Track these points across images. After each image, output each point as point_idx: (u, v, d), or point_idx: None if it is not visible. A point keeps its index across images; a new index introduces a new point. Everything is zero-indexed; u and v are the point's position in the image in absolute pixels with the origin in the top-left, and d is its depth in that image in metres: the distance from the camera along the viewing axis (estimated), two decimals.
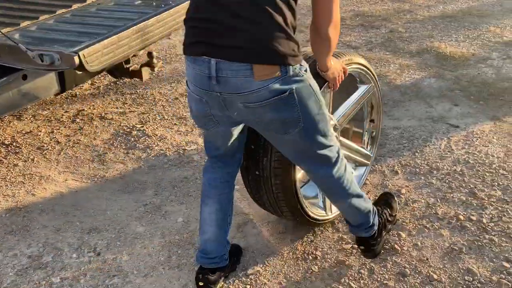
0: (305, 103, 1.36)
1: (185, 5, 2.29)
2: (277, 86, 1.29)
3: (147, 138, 2.81)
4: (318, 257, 1.88)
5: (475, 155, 2.48)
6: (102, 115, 3.09)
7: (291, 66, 1.30)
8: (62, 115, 3.10)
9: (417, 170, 2.39)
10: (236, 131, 1.53)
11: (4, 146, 2.76)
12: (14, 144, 2.78)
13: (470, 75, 3.37)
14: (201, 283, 1.69)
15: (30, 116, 3.07)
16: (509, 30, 4.13)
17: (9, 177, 2.48)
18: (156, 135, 2.84)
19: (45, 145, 2.77)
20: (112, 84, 3.49)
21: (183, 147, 2.71)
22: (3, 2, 2.36)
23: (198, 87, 1.36)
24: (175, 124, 2.96)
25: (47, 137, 2.86)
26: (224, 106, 1.36)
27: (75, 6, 2.34)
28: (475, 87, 3.20)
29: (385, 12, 4.76)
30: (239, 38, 1.26)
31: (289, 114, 1.35)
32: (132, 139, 2.81)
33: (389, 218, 1.92)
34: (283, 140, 1.44)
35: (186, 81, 1.44)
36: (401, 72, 3.46)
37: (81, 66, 1.71)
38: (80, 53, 1.68)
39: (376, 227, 1.79)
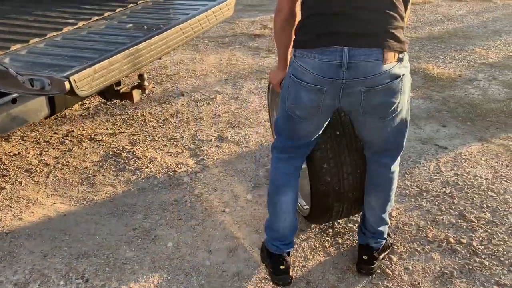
0: (405, 90, 1.53)
1: (176, 29, 2.31)
2: (396, 70, 1.46)
3: (137, 160, 2.79)
4: (311, 283, 1.86)
5: (464, 177, 2.50)
6: (92, 136, 3.07)
7: (405, 53, 1.50)
8: (51, 136, 3.08)
9: (407, 192, 2.41)
10: (326, 121, 1.68)
11: None
12: (2, 166, 2.75)
13: (457, 96, 3.42)
14: (282, 266, 1.81)
15: (19, 137, 3.04)
16: (493, 51, 4.22)
17: None
18: (146, 156, 2.83)
19: (33, 168, 2.73)
20: (102, 105, 3.48)
21: (173, 169, 2.69)
22: None
23: (323, 76, 1.47)
24: (165, 145, 2.95)
25: (35, 159, 2.82)
26: (341, 93, 1.50)
27: (65, 29, 2.34)
28: (462, 108, 3.25)
29: None
30: (371, 27, 1.43)
31: (394, 99, 1.51)
32: (122, 161, 2.79)
33: (390, 240, 1.96)
34: (379, 125, 1.59)
35: (294, 76, 1.54)
36: None
37: (71, 91, 1.70)
38: (71, 78, 1.68)
39: (384, 241, 1.88)
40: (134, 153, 2.86)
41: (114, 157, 2.82)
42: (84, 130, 3.15)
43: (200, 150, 2.87)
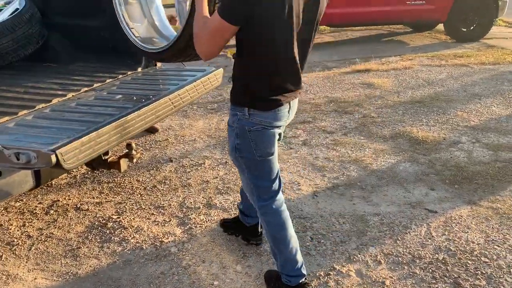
0: None
1: (165, 99, 2.35)
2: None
3: (123, 230, 2.72)
4: None
5: (455, 242, 2.48)
6: (78, 205, 3.01)
7: None
8: (36, 206, 3.01)
9: (400, 259, 2.36)
10: None
11: None
12: None
13: (443, 159, 3.47)
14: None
15: (1, 208, 2.96)
16: (475, 114, 4.34)
17: None
18: (133, 226, 2.76)
19: (15, 240, 2.64)
20: (89, 172, 3.44)
21: (160, 239, 2.62)
22: None
23: (279, 120, 1.90)
24: (152, 213, 2.90)
25: (18, 231, 2.74)
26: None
27: (55, 100, 2.37)
28: (449, 171, 3.28)
29: (357, 98, 4.97)
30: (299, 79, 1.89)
31: None
32: (108, 231, 2.72)
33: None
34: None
35: (255, 128, 1.85)
36: (377, 157, 3.54)
37: (58, 165, 1.68)
38: (58, 151, 1.67)
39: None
40: (120, 223, 2.79)
41: (99, 228, 2.75)
42: (70, 199, 3.10)
43: (188, 218, 2.82)
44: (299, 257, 2.06)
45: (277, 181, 2.02)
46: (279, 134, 1.99)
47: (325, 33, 9.88)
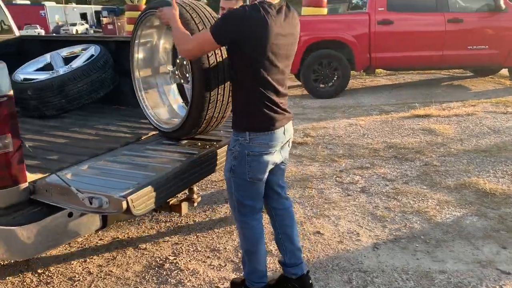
0: None
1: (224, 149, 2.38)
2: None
3: (179, 272, 2.72)
4: None
5: None
6: (136, 244, 3.06)
7: None
8: (97, 242, 3.09)
9: None
10: None
11: (36, 275, 2.72)
12: (47, 273, 2.75)
13: None
14: None
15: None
16: None
17: None
18: (189, 269, 2.76)
19: (77, 276, 2.71)
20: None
21: (215, 284, 2.60)
22: (57, 141, 2.52)
23: (275, 141, 2.15)
24: (208, 257, 2.89)
25: (79, 266, 2.82)
26: (281, 148, 2.23)
27: (124, 144, 2.46)
28: None
29: (417, 144, 4.83)
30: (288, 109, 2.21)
31: None
32: (164, 272, 2.73)
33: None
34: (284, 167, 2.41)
35: (253, 152, 2.10)
36: (441, 209, 3.38)
37: (127, 210, 1.73)
38: (129, 198, 1.72)
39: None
40: (177, 265, 2.80)
41: (156, 268, 2.78)
42: (129, 237, 3.16)
43: None
44: (265, 268, 2.36)
45: (260, 202, 2.28)
46: (282, 163, 2.29)
47: (381, 76, 9.82)
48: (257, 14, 1.95)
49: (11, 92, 1.82)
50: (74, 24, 40.78)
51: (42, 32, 34.74)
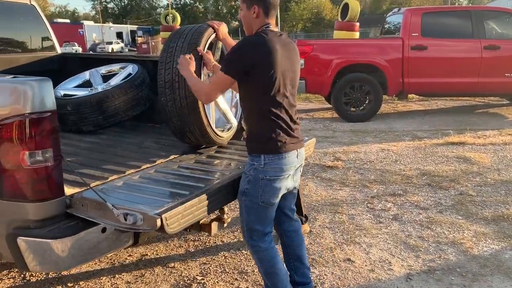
0: None
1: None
2: None
3: None
4: None
5: None
6: (164, 262, 3.06)
7: None
8: (126, 258, 3.11)
9: None
10: None
11: None
12: (77, 287, 2.77)
13: None
14: None
15: None
16: None
17: None
18: None
19: None
20: None
21: None
22: (93, 157, 2.57)
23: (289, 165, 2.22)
24: (236, 279, 2.85)
25: (108, 282, 2.83)
26: (294, 173, 2.29)
27: (158, 161, 2.49)
28: None
29: (452, 173, 4.69)
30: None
31: None
32: None
33: None
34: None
35: (267, 177, 2.15)
36: (478, 241, 3.25)
37: (161, 229, 1.73)
38: (163, 216, 1.72)
39: None
40: (205, 285, 2.77)
41: None
42: (157, 254, 3.17)
43: None
44: (289, 287, 2.38)
45: (270, 226, 2.31)
46: (294, 188, 2.35)
47: (413, 101, 9.69)
48: (265, 40, 2.05)
49: (55, 108, 1.87)
50: (110, 43, 42.17)
51: (80, 50, 36.04)
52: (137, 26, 58.31)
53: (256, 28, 2.17)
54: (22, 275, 2.90)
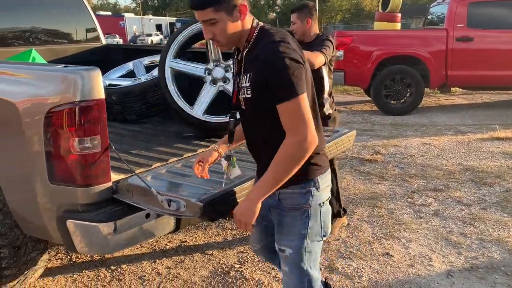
0: None
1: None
2: None
3: (244, 281, 2.74)
4: None
5: None
6: (203, 249, 3.12)
7: None
8: (166, 244, 3.19)
9: None
10: None
11: (109, 271, 2.86)
12: (119, 270, 2.87)
13: None
14: None
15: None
16: None
17: None
18: (254, 278, 2.77)
19: (146, 275, 2.81)
20: None
21: None
22: (137, 145, 2.65)
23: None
24: (272, 268, 2.88)
25: (149, 266, 2.92)
26: None
27: (199, 150, 2.53)
28: None
29: (497, 169, 4.53)
30: None
31: None
32: (230, 280, 2.76)
33: None
34: None
35: (323, 202, 1.74)
36: None
37: (202, 215, 1.77)
38: (205, 203, 1.75)
39: None
40: (242, 273, 2.82)
41: (222, 275, 2.81)
42: (196, 241, 3.23)
43: None
44: None
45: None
46: None
47: (457, 95, 9.39)
48: (296, 44, 1.65)
49: (103, 97, 1.94)
50: (150, 35, 42.92)
51: (121, 42, 36.95)
52: (176, 18, 59.07)
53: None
54: (68, 257, 3.04)
